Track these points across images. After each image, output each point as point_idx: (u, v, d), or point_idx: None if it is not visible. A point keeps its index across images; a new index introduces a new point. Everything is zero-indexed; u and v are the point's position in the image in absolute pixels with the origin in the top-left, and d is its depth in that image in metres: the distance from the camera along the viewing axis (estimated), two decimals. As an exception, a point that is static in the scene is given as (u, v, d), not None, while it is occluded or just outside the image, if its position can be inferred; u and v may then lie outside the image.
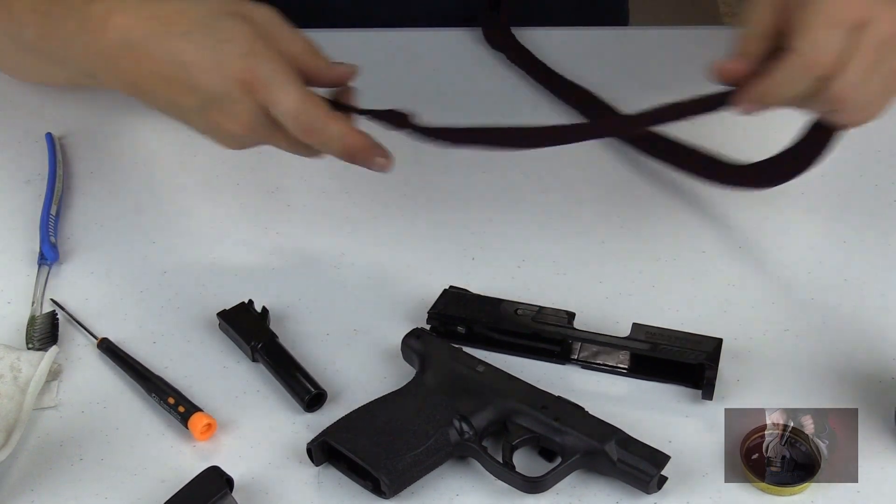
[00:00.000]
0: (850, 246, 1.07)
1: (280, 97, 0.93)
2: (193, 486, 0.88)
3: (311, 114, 0.94)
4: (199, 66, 0.93)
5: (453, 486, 0.91)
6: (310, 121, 0.94)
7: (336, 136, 0.95)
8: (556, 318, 0.99)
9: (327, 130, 0.94)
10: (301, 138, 0.95)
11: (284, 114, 0.93)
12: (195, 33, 0.93)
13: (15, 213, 1.12)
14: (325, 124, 0.94)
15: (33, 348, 0.99)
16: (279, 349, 0.98)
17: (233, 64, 0.92)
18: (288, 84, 0.93)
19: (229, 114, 0.93)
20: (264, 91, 0.92)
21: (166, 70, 0.93)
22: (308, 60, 0.96)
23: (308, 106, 0.93)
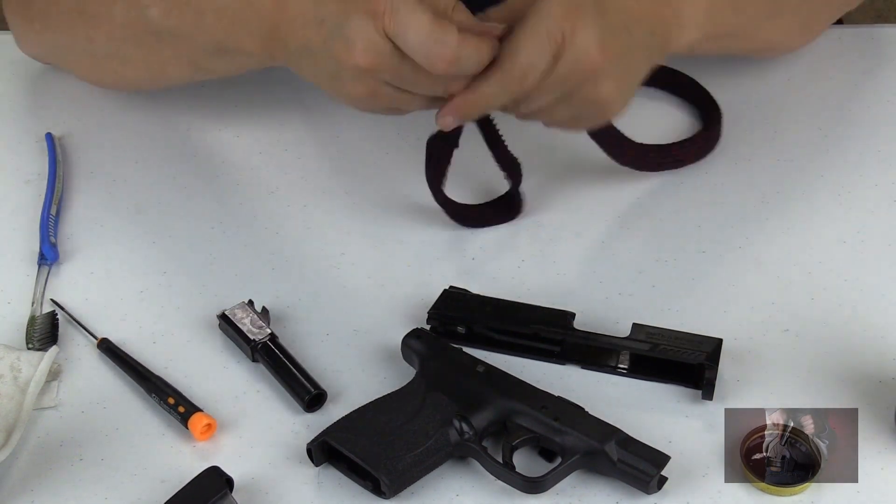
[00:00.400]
0: (850, 246, 1.07)
1: (408, 23, 0.90)
2: (193, 486, 0.88)
3: (442, 40, 0.90)
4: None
5: (453, 487, 0.91)
6: (442, 47, 0.90)
7: (471, 54, 0.92)
8: (557, 319, 0.99)
9: (460, 54, 0.91)
10: (433, 67, 0.91)
11: (414, 42, 0.90)
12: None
13: (15, 213, 1.12)
14: (458, 48, 0.91)
15: (33, 348, 0.99)
16: (279, 349, 0.98)
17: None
18: (416, 10, 0.90)
19: (352, 44, 0.91)
20: (390, 18, 0.90)
21: (298, 8, 0.93)
22: (453, 14, 0.93)
23: (438, 31, 0.90)
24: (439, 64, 0.91)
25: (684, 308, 1.02)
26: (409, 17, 0.90)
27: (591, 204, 1.12)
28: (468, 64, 0.92)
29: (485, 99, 0.95)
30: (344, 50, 0.92)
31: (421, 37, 0.90)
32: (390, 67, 0.92)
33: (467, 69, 0.93)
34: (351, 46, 0.91)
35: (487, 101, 0.96)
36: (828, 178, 1.13)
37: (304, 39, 0.94)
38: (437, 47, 0.91)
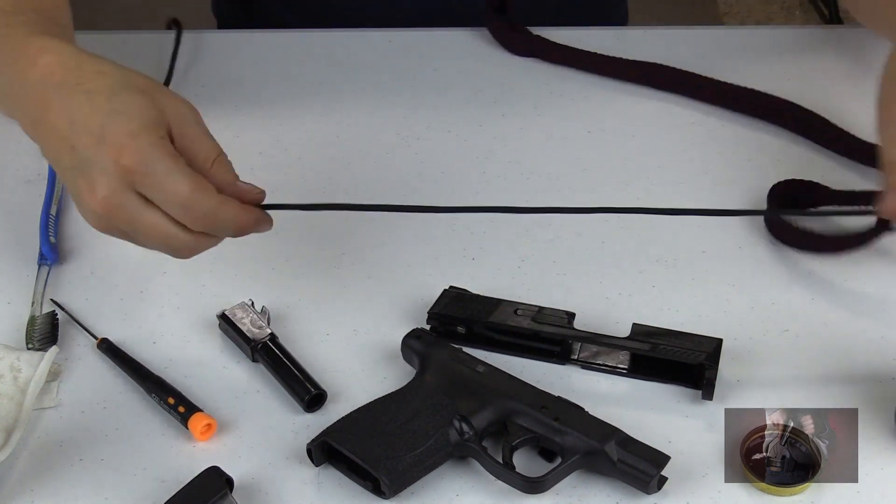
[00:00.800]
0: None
1: (167, 185, 0.87)
2: (193, 487, 0.88)
3: (202, 202, 0.88)
4: (83, 126, 0.88)
5: (453, 487, 0.91)
6: (202, 209, 0.88)
7: (231, 218, 0.90)
8: (556, 318, 0.99)
9: (220, 216, 0.89)
10: (191, 226, 0.89)
11: (172, 202, 0.88)
12: (97, 96, 0.89)
13: (15, 213, 1.12)
14: (217, 210, 0.89)
15: (33, 348, 0.99)
16: (279, 349, 0.98)
17: (115, 138, 0.87)
18: (176, 172, 0.87)
19: (92, 185, 0.88)
20: (143, 176, 0.87)
21: (58, 121, 0.90)
22: (213, 170, 0.90)
23: (200, 194, 0.88)
24: (196, 225, 0.89)
25: (684, 308, 1.02)
26: (165, 177, 0.87)
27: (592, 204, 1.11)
28: (226, 225, 0.90)
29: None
30: (86, 189, 0.88)
31: (179, 196, 0.87)
32: (128, 221, 0.89)
33: (224, 231, 0.91)
34: (93, 189, 0.88)
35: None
36: (827, 178, 1.13)
37: (56, 154, 0.91)
38: (196, 211, 0.88)
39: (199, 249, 0.92)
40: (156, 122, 0.88)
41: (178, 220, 0.88)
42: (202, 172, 0.89)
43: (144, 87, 0.90)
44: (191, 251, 0.92)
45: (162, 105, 0.89)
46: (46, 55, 0.92)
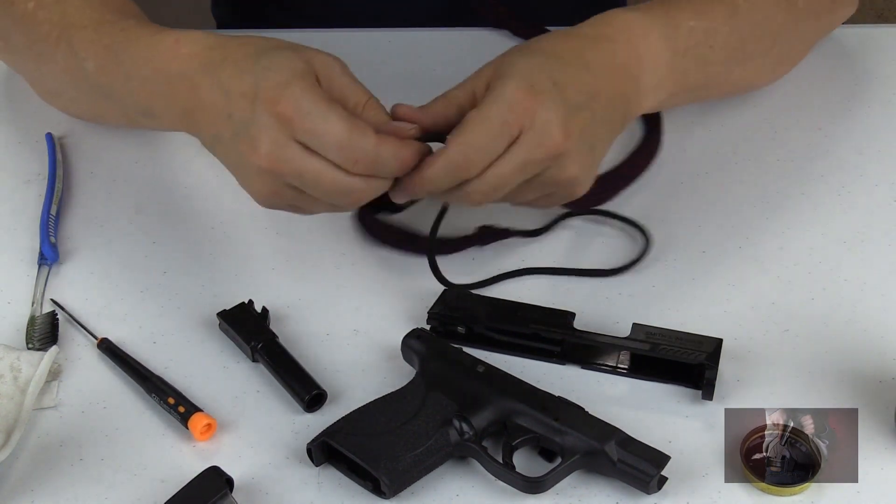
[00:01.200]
0: (850, 246, 1.07)
1: (322, 127, 0.89)
2: (193, 486, 0.88)
3: (361, 142, 0.89)
4: (237, 91, 0.91)
5: (453, 487, 0.91)
6: (362, 149, 0.89)
7: (391, 154, 0.90)
8: (557, 319, 0.99)
9: (381, 154, 0.90)
10: (353, 168, 0.90)
11: (329, 144, 0.89)
12: (243, 62, 0.91)
13: (15, 213, 1.12)
14: (377, 149, 0.90)
15: (33, 348, 0.99)
16: (279, 349, 0.98)
17: (268, 91, 0.89)
18: (329, 113, 0.89)
19: (256, 144, 0.90)
20: (300, 122, 0.89)
21: (210, 97, 0.92)
22: (366, 113, 0.92)
23: (355, 134, 0.89)
24: (358, 167, 0.90)
25: (684, 308, 1.02)
26: (321, 121, 0.89)
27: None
28: (387, 165, 0.91)
29: (429, 182, 0.93)
30: (249, 149, 0.90)
31: (337, 138, 0.89)
32: (294, 171, 0.90)
33: (385, 171, 0.91)
34: (255, 146, 0.90)
35: (431, 185, 0.93)
36: (828, 178, 1.13)
37: (214, 129, 0.93)
38: (355, 152, 0.89)
39: (369, 193, 0.92)
40: (306, 71, 0.90)
41: (340, 164, 0.89)
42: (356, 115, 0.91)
43: (287, 45, 0.92)
44: (360, 195, 0.92)
45: (308, 57, 0.91)
46: (186, 45, 0.95)
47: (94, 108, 1.11)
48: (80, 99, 1.11)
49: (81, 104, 1.12)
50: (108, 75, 1.01)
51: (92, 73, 1.02)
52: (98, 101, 1.07)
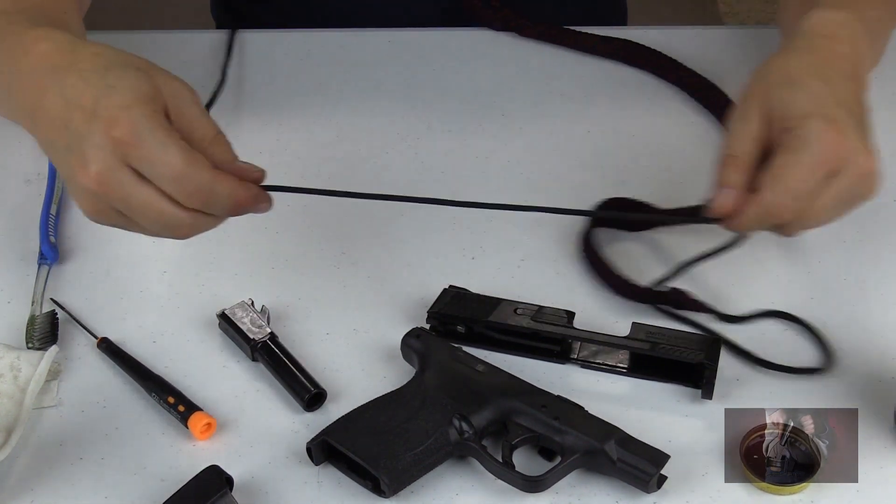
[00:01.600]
0: (850, 246, 1.07)
1: (158, 156, 0.85)
2: (193, 486, 0.88)
3: (196, 176, 0.86)
4: (76, 103, 0.87)
5: (453, 486, 0.91)
6: (196, 183, 0.86)
7: (227, 193, 0.87)
8: (556, 318, 0.99)
9: (216, 190, 0.87)
10: (186, 202, 0.87)
11: (164, 174, 0.85)
12: (92, 74, 0.88)
13: (15, 213, 1.12)
14: (212, 185, 0.87)
15: (33, 348, 0.99)
16: (279, 349, 0.98)
17: (108, 111, 0.85)
18: (168, 142, 0.85)
19: (86, 164, 0.86)
20: (136, 147, 0.85)
21: (52, 103, 0.89)
22: (210, 149, 0.88)
23: (193, 167, 0.86)
24: (191, 201, 0.87)
25: (684, 308, 1.02)
26: (158, 149, 0.85)
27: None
28: (220, 204, 0.88)
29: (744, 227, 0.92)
30: (79, 165, 0.86)
31: (173, 169, 0.85)
32: (121, 197, 0.87)
33: (219, 209, 0.88)
34: (85, 165, 0.86)
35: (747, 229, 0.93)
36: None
37: (51, 135, 0.89)
38: (190, 185, 0.86)
39: (197, 229, 0.90)
40: (151, 97, 0.87)
41: (172, 195, 0.87)
42: (200, 151, 0.87)
43: (140, 65, 0.89)
44: (188, 230, 0.90)
45: (158, 83, 0.88)
46: (42, 43, 0.91)
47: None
48: None
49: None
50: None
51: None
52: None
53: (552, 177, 1.14)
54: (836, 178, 0.90)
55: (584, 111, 1.21)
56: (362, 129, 1.19)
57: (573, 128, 1.19)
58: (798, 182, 0.89)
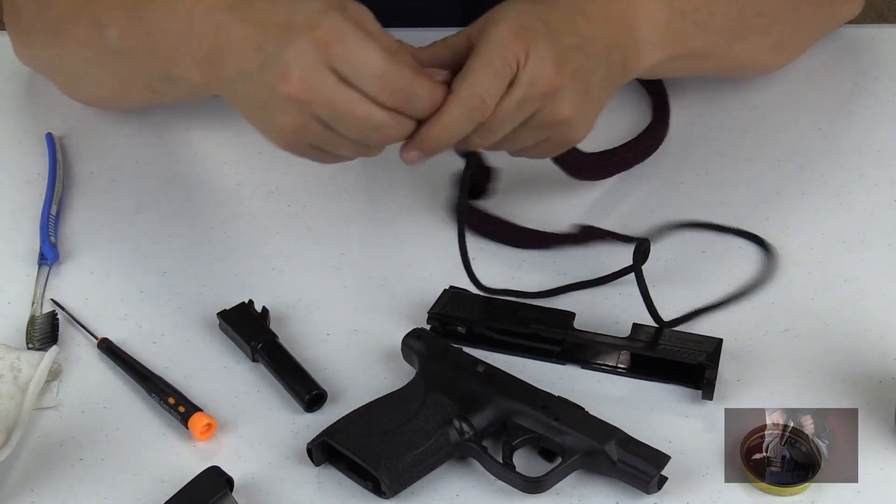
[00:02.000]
0: (850, 246, 1.07)
1: (361, 55, 0.87)
2: (193, 486, 0.88)
3: (398, 73, 0.88)
4: (269, 23, 0.89)
5: (453, 487, 0.91)
6: (399, 80, 0.88)
7: (426, 93, 0.90)
8: (556, 318, 0.99)
9: (416, 89, 0.89)
10: (388, 101, 0.88)
11: (367, 73, 0.87)
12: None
13: (15, 213, 1.12)
14: (413, 83, 0.89)
15: (33, 348, 0.99)
16: (279, 349, 0.98)
17: (306, 18, 0.88)
18: (370, 44, 0.87)
19: (288, 71, 0.87)
20: (339, 48, 0.87)
21: (240, 32, 0.90)
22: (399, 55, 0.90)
23: (394, 65, 0.88)
24: (393, 99, 0.89)
25: (684, 308, 1.02)
26: (360, 48, 0.87)
27: (591, 203, 1.12)
28: (420, 102, 0.90)
29: (446, 130, 0.93)
30: (279, 77, 0.88)
31: (375, 68, 0.88)
32: (326, 100, 0.88)
33: (418, 108, 0.91)
34: (286, 73, 0.88)
35: (449, 133, 0.93)
36: (828, 178, 1.13)
37: (240, 65, 0.91)
38: (393, 82, 0.88)
39: (396, 132, 0.91)
40: (340, 4, 0.89)
41: (375, 96, 0.88)
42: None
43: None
44: (387, 133, 0.91)
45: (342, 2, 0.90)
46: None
47: (116, 82, 1.08)
48: (101, 77, 1.09)
49: (103, 83, 1.10)
50: (130, 38, 1.00)
51: (113, 40, 1.01)
52: (120, 71, 1.05)
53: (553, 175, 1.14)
54: (514, 82, 0.92)
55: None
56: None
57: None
58: (478, 76, 0.91)
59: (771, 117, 1.20)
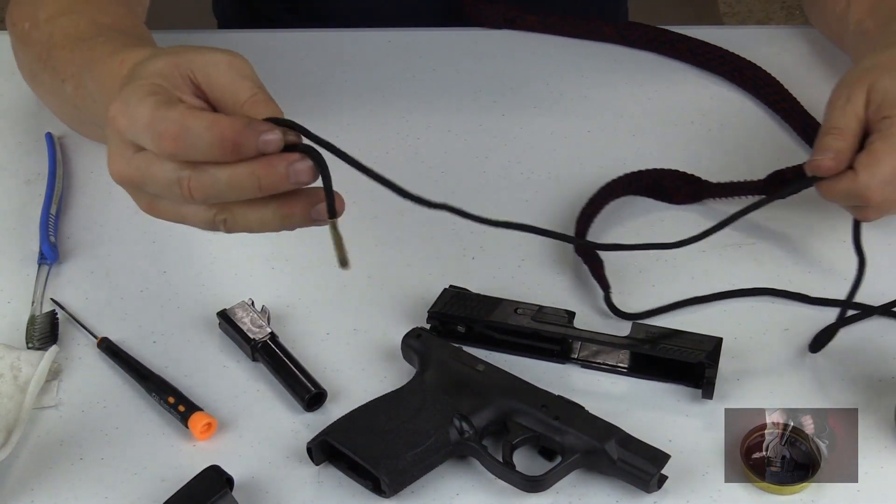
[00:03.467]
0: (850, 246, 1.07)
1: (134, 114, 0.81)
2: (193, 486, 0.88)
3: (167, 115, 0.80)
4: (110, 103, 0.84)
5: (453, 486, 0.91)
6: (165, 124, 0.79)
7: (203, 126, 0.79)
8: (556, 318, 0.99)
9: (188, 127, 0.79)
10: (163, 149, 0.80)
11: (141, 129, 0.81)
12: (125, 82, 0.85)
13: (15, 213, 1.12)
14: (182, 121, 0.79)
15: (33, 348, 0.99)
16: (279, 349, 0.98)
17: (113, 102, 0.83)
18: (144, 99, 0.81)
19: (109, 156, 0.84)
20: (123, 119, 0.82)
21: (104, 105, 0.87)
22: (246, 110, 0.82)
23: (163, 109, 0.80)
24: (167, 144, 0.80)
25: (684, 308, 1.02)
26: (133, 111, 0.81)
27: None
28: (197, 140, 0.79)
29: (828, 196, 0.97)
30: (109, 165, 0.85)
31: (142, 118, 0.80)
32: (140, 176, 0.83)
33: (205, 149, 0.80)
34: (110, 163, 0.84)
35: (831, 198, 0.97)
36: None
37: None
38: (158, 124, 0.80)
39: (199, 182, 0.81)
40: (159, 74, 0.83)
41: (155, 150, 0.80)
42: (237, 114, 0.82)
43: (174, 50, 0.85)
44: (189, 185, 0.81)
45: (181, 60, 0.83)
46: (126, 65, 0.89)
47: (83, 131, 1.10)
48: (70, 123, 1.11)
49: (81, 129, 1.12)
50: (80, 98, 1.00)
51: (70, 95, 1.02)
52: (83, 122, 1.06)
53: (553, 175, 1.14)
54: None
55: (584, 111, 1.21)
56: (362, 129, 1.19)
57: (573, 127, 1.19)
58: (890, 168, 0.94)
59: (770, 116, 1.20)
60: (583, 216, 1.08)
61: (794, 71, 1.23)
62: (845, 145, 0.95)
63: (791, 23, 2.71)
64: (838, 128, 0.96)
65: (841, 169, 0.95)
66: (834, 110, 0.97)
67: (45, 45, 1.04)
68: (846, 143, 0.95)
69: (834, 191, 0.96)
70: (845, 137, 0.96)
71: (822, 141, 0.96)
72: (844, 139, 0.96)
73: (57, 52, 1.02)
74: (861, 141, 0.96)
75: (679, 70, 1.25)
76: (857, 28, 1.13)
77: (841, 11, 1.16)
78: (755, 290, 1.03)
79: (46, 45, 1.04)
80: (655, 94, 1.23)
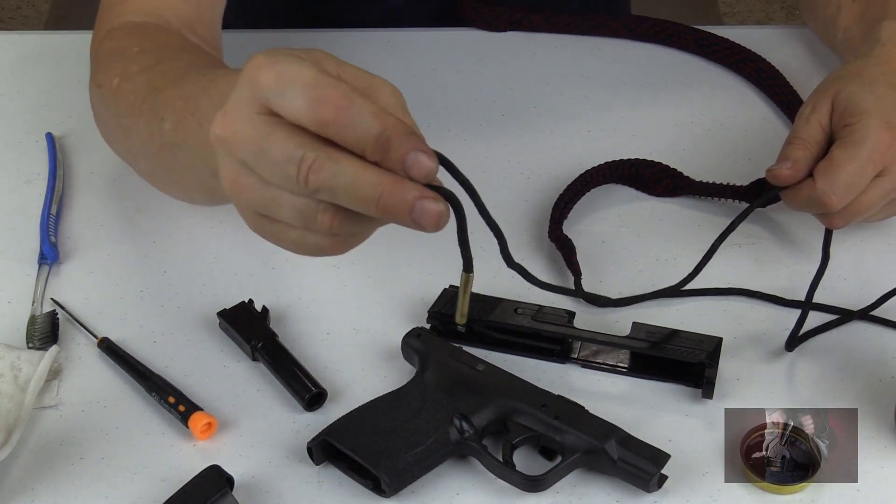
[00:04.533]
0: (851, 246, 1.07)
1: (290, 71, 0.74)
2: (193, 485, 0.88)
3: (333, 84, 0.73)
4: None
5: (453, 485, 0.91)
6: (331, 90, 0.73)
7: (368, 111, 0.74)
8: (557, 318, 0.99)
9: (356, 103, 0.73)
10: (318, 115, 0.73)
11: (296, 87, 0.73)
12: None
13: (15, 213, 1.12)
14: (351, 95, 0.73)
15: (33, 348, 1.00)
16: (279, 348, 0.98)
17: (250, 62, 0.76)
18: (301, 60, 0.74)
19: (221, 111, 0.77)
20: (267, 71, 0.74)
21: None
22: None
23: (329, 78, 0.74)
24: (327, 110, 0.73)
25: (684, 308, 1.02)
26: (293, 65, 0.74)
27: (591, 203, 1.12)
28: (360, 120, 0.73)
29: (794, 205, 0.99)
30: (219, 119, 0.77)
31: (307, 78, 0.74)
32: (254, 137, 0.75)
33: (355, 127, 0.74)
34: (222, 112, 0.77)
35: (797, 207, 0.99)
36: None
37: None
38: (326, 89, 0.73)
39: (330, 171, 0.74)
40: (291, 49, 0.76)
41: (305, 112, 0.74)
42: None
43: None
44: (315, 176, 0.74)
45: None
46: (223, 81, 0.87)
47: (176, 181, 1.01)
48: (164, 175, 1.02)
49: (168, 183, 1.03)
50: (183, 129, 0.92)
51: (168, 132, 0.94)
52: (177, 170, 0.97)
53: (553, 175, 1.14)
54: (883, 178, 0.97)
55: (585, 111, 1.21)
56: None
57: (573, 127, 1.19)
58: (847, 175, 0.96)
59: (769, 117, 1.20)
60: (559, 202, 1.09)
61: (794, 71, 1.23)
62: (804, 154, 0.97)
63: (791, 23, 2.71)
64: (800, 137, 0.98)
65: (799, 178, 0.97)
66: (799, 120, 1.00)
67: (141, 93, 0.99)
68: (805, 153, 0.98)
69: (796, 199, 0.98)
70: (805, 147, 0.98)
71: (782, 151, 0.99)
72: (804, 148, 0.98)
73: (158, 95, 0.96)
74: (826, 149, 0.98)
75: (686, 62, 1.26)
76: (844, 35, 1.14)
77: (831, 17, 1.17)
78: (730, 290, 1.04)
79: (143, 92, 0.98)
80: (659, 89, 1.23)
